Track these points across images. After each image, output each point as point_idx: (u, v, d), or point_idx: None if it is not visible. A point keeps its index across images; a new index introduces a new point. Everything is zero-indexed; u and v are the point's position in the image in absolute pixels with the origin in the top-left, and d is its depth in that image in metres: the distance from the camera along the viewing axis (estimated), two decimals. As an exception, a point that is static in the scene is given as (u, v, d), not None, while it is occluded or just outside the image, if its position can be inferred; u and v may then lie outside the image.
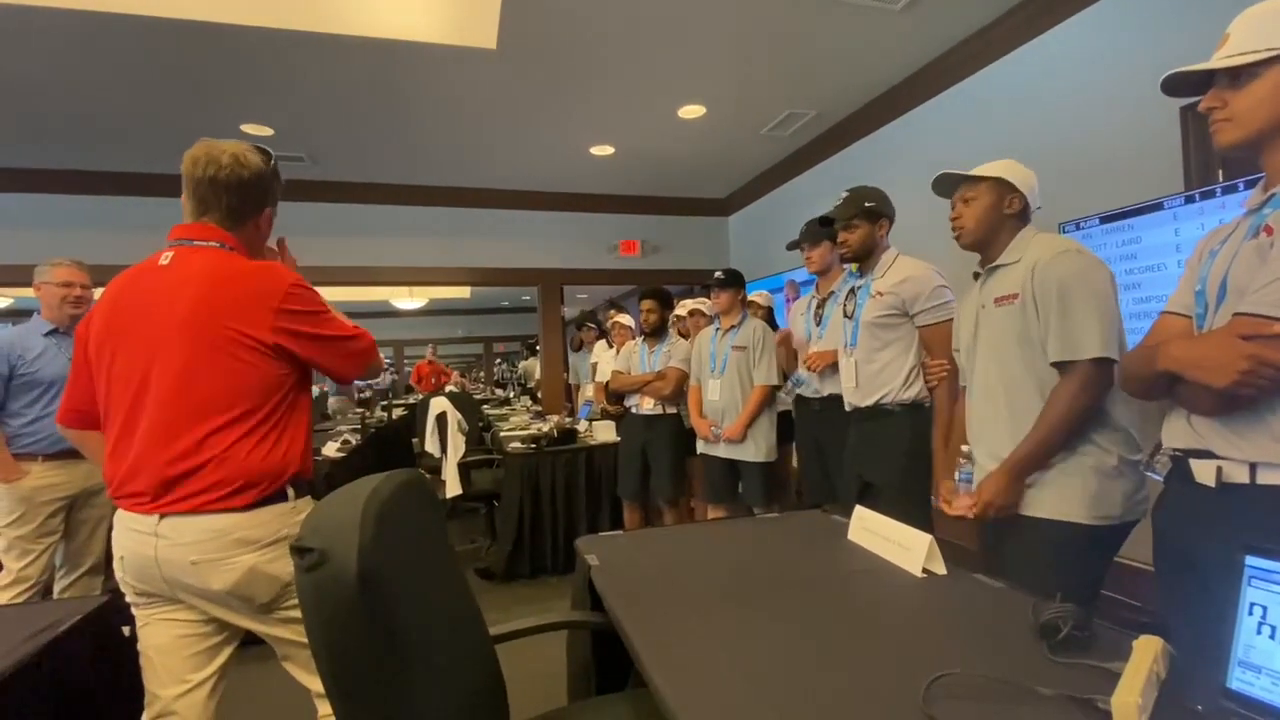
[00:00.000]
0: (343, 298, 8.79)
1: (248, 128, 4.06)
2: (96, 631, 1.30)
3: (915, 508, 1.98)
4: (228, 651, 1.32)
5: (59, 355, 2.39)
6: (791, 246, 2.76)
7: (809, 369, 2.50)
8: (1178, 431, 1.08)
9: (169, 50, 3.10)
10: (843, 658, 0.90)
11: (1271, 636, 0.73)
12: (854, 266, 2.24)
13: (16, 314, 5.39)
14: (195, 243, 1.28)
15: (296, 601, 1.23)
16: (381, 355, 1.55)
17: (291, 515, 1.26)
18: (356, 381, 1.36)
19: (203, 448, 1.18)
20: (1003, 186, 1.53)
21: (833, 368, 2.37)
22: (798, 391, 2.69)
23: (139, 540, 1.19)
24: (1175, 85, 1.07)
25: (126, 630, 1.48)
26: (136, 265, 1.29)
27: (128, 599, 1.28)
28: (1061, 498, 1.41)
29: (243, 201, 1.31)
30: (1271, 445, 0.95)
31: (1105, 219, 2.50)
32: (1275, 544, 0.75)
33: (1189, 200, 2.23)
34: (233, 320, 1.20)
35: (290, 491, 1.28)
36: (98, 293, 1.47)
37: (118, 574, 1.26)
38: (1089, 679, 0.79)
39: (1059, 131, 2.96)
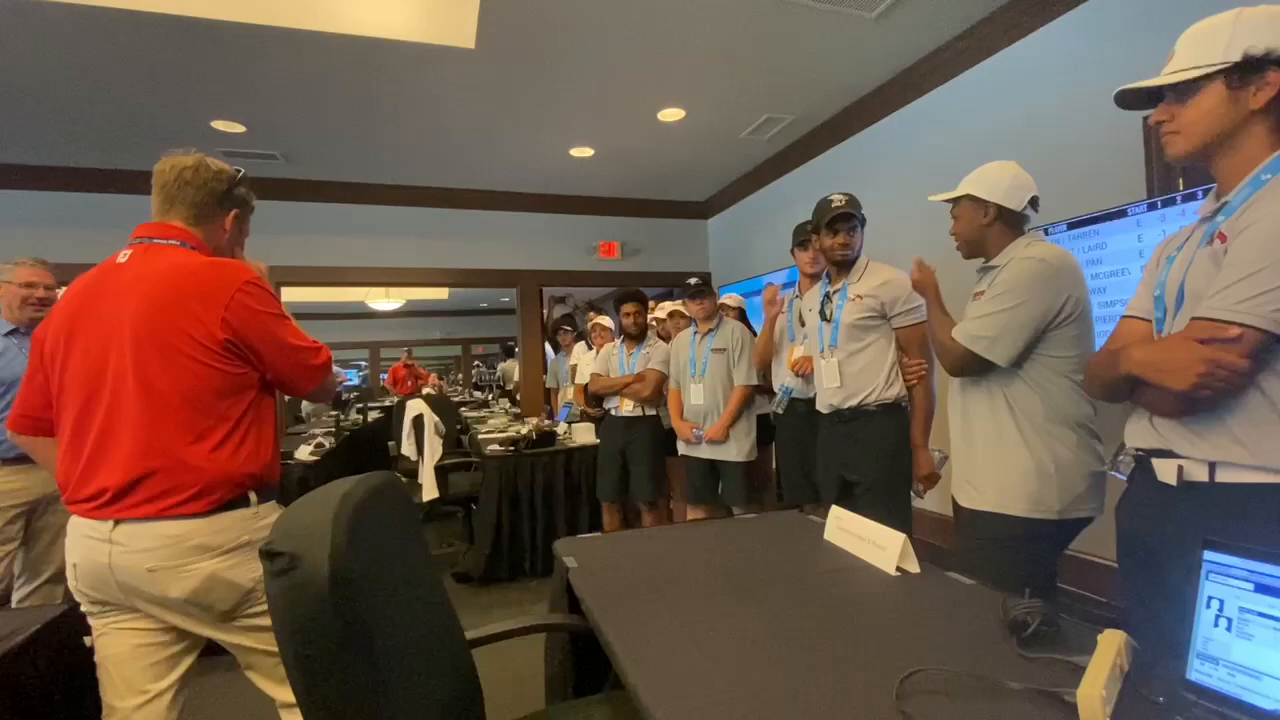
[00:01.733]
0: (317, 298, 8.66)
1: (219, 124, 3.98)
2: (56, 642, 1.26)
3: (897, 506, 2.04)
4: (189, 661, 1.28)
5: (19, 356, 2.31)
6: (802, 243, 2.64)
7: (796, 372, 2.53)
8: (1140, 432, 1.11)
9: (136, 43, 3.02)
10: (818, 656, 0.91)
11: (1229, 629, 0.76)
12: (826, 272, 2.27)
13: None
14: (156, 240, 1.26)
15: (261, 609, 1.22)
16: (338, 375, 1.58)
17: (254, 521, 1.24)
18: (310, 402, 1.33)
19: (158, 451, 1.15)
20: (975, 200, 1.60)
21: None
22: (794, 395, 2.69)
23: (92, 547, 1.16)
24: (1128, 100, 1.12)
25: (88, 640, 1.44)
26: (97, 265, 1.26)
27: (83, 608, 1.24)
28: (1001, 491, 1.50)
29: (207, 199, 1.31)
30: (1229, 445, 0.98)
31: (1072, 225, 2.57)
32: (1232, 540, 0.78)
33: (1151, 207, 2.30)
34: (183, 318, 1.17)
35: (253, 497, 1.25)
36: (62, 292, 1.43)
37: (70, 582, 1.22)
38: (1056, 673, 0.81)
39: (1029, 139, 3.03)
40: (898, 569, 1.21)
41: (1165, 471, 1.06)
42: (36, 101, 3.56)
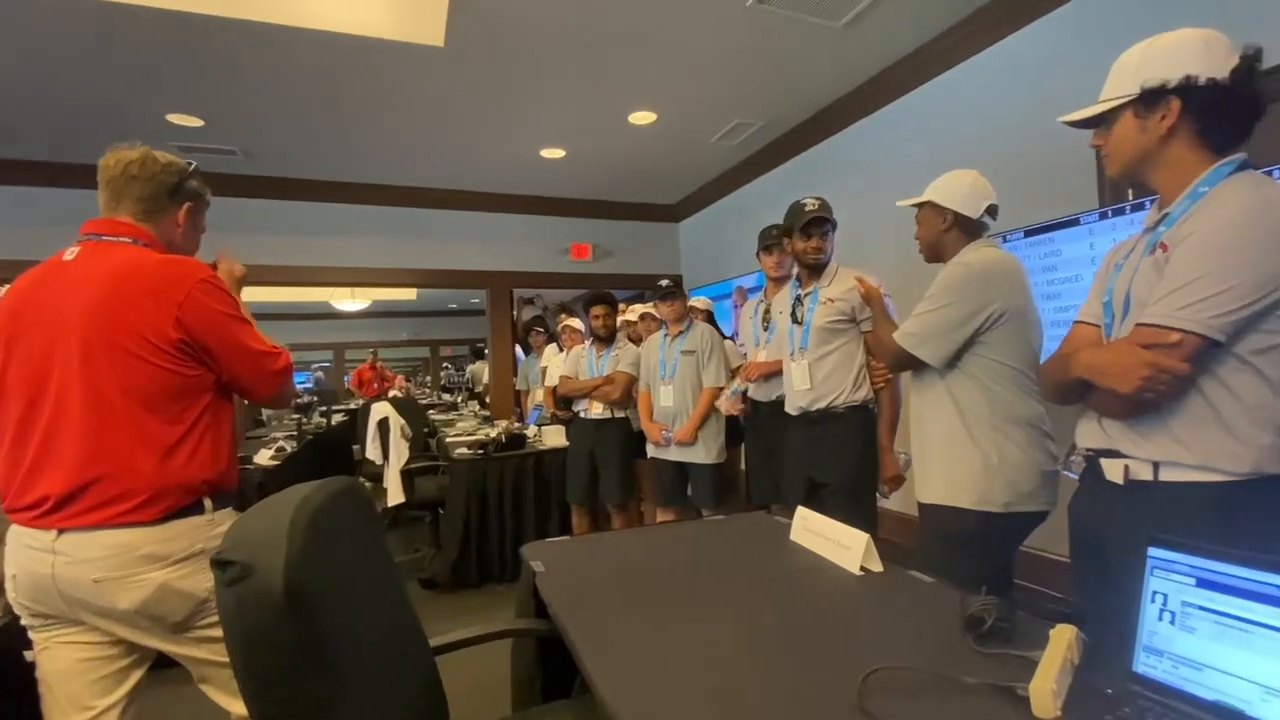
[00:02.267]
0: (280, 298, 8.43)
1: (175, 118, 3.85)
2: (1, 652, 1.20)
3: (863, 506, 2.08)
4: (138, 675, 1.23)
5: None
6: (767, 248, 2.65)
7: (747, 378, 2.56)
8: (1090, 433, 1.15)
9: (89, 33, 2.91)
10: (782, 656, 0.91)
11: (1172, 622, 0.79)
12: (797, 276, 2.30)
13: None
14: (106, 238, 1.21)
15: (215, 619, 1.17)
16: (295, 386, 1.48)
17: (208, 529, 1.19)
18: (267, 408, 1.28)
19: (105, 457, 1.10)
20: (935, 206, 1.66)
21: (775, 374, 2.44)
22: (750, 396, 2.73)
23: (34, 558, 1.10)
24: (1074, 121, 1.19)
25: (29, 655, 1.37)
26: (42, 262, 1.21)
27: (23, 621, 1.18)
28: (949, 484, 1.55)
29: (156, 193, 1.26)
30: (1172, 445, 1.03)
31: (1029, 232, 2.66)
32: (1175, 536, 0.81)
33: (1103, 216, 2.39)
34: (134, 316, 1.13)
35: (207, 504, 1.20)
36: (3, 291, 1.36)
37: (9, 594, 1.16)
38: (1011, 668, 0.84)
39: (989, 148, 3.12)
40: (861, 568, 1.23)
41: (1113, 471, 1.10)
42: (-22, 90, 3.40)
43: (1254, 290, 0.93)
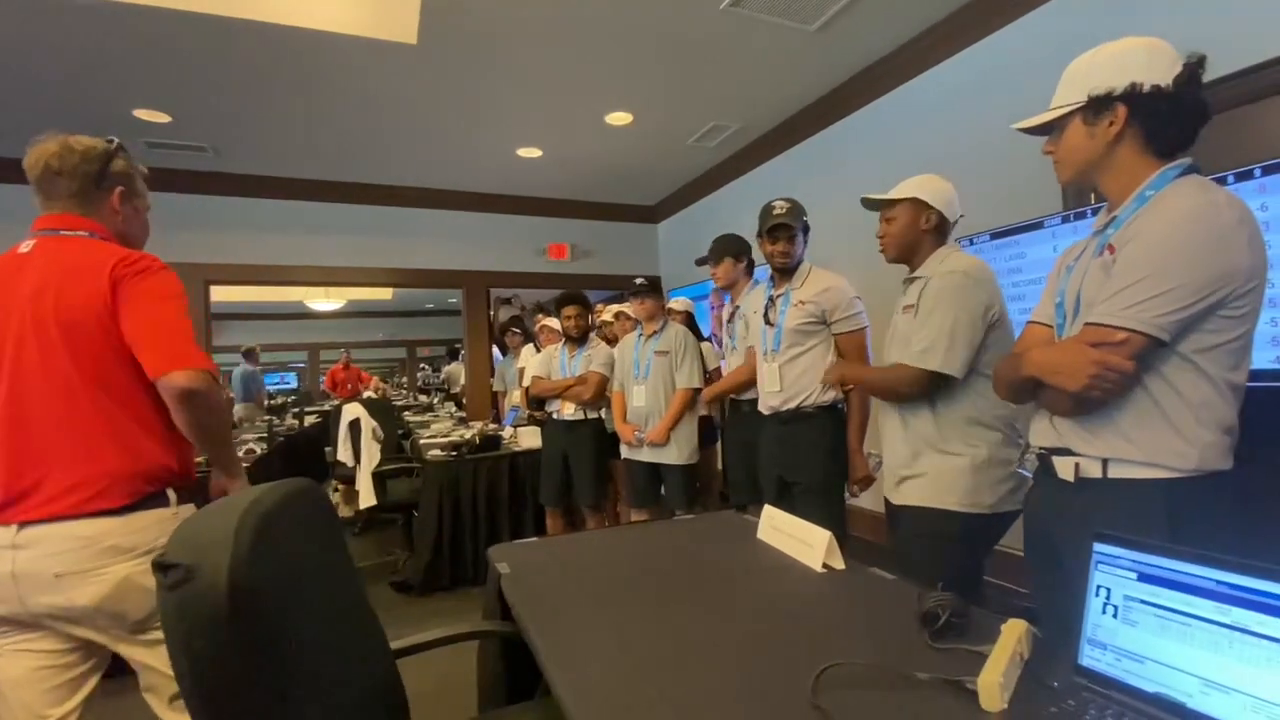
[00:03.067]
0: (252, 298, 8.28)
1: (142, 113, 3.76)
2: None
3: (831, 505, 2.10)
4: (92, 682, 1.20)
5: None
6: (700, 263, 2.86)
7: (705, 402, 2.62)
8: (1042, 431, 1.18)
9: (54, 27, 2.83)
10: (741, 653, 0.92)
11: (1115, 616, 0.81)
12: (770, 276, 2.32)
13: None
14: (62, 232, 1.20)
15: None
16: (224, 400, 1.40)
17: (172, 523, 1.17)
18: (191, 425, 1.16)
19: (60, 444, 1.09)
20: (918, 204, 1.65)
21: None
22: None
23: None
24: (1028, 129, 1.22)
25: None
26: None
27: None
28: (936, 487, 1.55)
29: (83, 185, 1.24)
30: (1120, 443, 1.05)
31: (995, 235, 2.71)
32: (1119, 532, 0.83)
33: (1065, 220, 2.44)
34: (85, 295, 1.12)
35: (171, 496, 1.18)
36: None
37: None
38: (962, 662, 0.85)
39: (958, 152, 3.18)
40: (824, 565, 1.25)
41: (1064, 468, 1.13)
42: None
43: (1196, 291, 0.96)
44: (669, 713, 0.78)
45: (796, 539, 1.34)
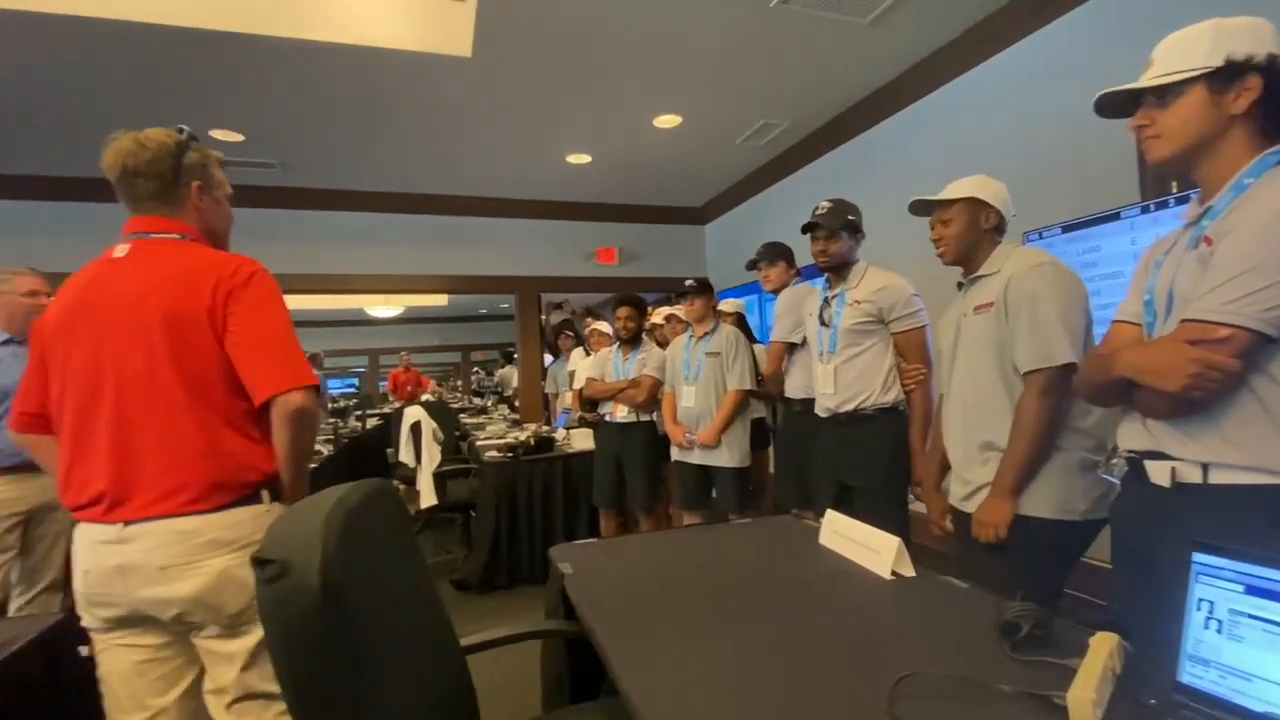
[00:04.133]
0: (316, 305, 8.66)
1: (216, 133, 4.00)
2: (52, 650, 1.26)
3: (894, 509, 2.04)
4: (191, 675, 1.24)
5: (14, 365, 2.31)
6: (750, 266, 2.83)
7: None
8: (1133, 434, 1.11)
9: (134, 54, 3.04)
10: (811, 661, 0.91)
11: (1219, 631, 0.76)
12: (826, 278, 2.28)
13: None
14: (153, 235, 1.23)
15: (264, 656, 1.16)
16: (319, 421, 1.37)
17: (266, 519, 1.20)
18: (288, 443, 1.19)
19: (160, 450, 1.13)
20: (976, 204, 1.59)
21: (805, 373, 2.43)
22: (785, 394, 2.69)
23: (103, 552, 1.14)
24: (1107, 105, 1.13)
25: (85, 650, 1.43)
26: (93, 262, 1.24)
27: (84, 622, 1.21)
28: (1027, 494, 1.46)
29: (160, 188, 1.24)
30: (1222, 446, 0.99)
31: (1066, 228, 2.58)
32: (1225, 541, 0.78)
33: (1145, 210, 2.31)
34: (184, 306, 1.14)
35: (265, 494, 1.22)
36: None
37: (77, 592, 1.19)
38: (1048, 676, 0.81)
39: (1024, 142, 3.04)
40: (892, 573, 1.21)
41: (1158, 473, 1.06)
42: (34, 112, 3.58)
43: None
44: (740, 717, 0.77)
45: (861, 545, 1.31)
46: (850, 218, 2.16)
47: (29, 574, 2.39)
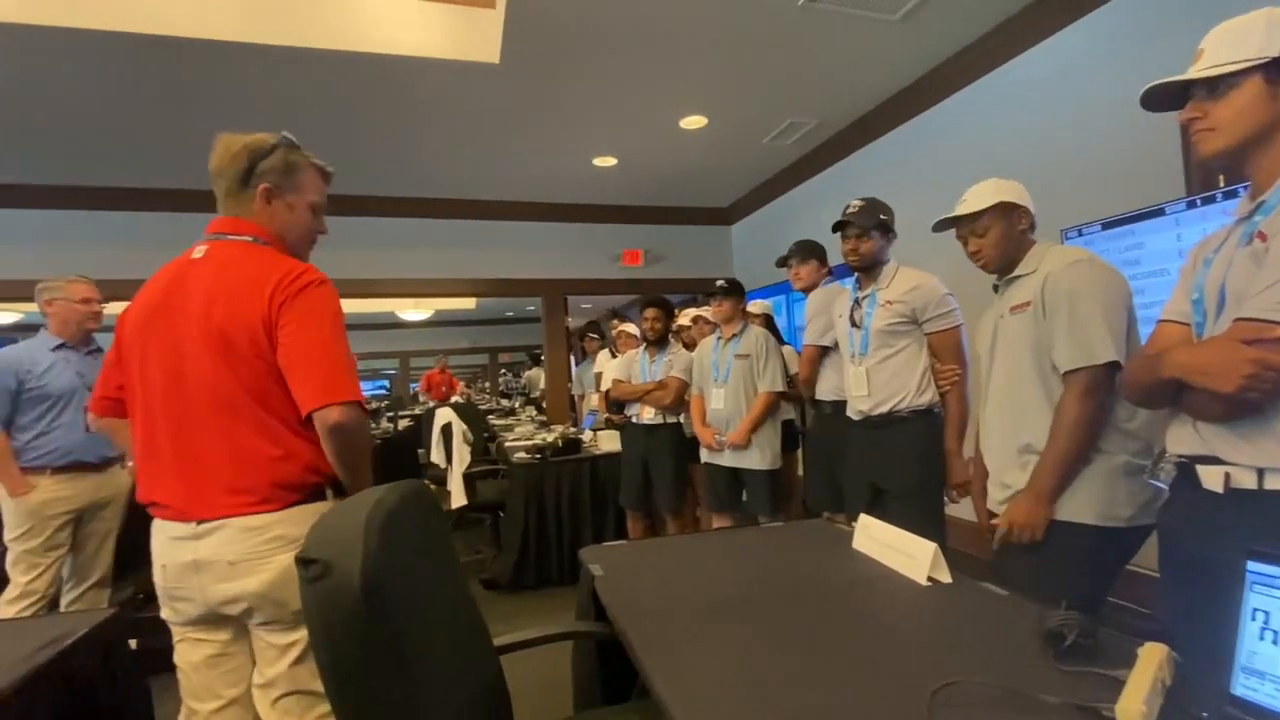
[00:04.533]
0: (349, 309, 8.85)
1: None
2: (104, 644, 1.30)
3: (929, 513, 1.99)
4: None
5: (66, 369, 2.41)
6: (780, 263, 2.81)
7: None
8: (1183, 437, 1.08)
9: (170, 66, 3.15)
10: (847, 667, 0.89)
11: (1274, 642, 0.73)
12: (856, 278, 2.25)
13: (27, 328, 5.47)
14: (227, 236, 1.25)
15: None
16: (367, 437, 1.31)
17: None
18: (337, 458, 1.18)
19: (226, 452, 1.15)
20: (1007, 208, 1.55)
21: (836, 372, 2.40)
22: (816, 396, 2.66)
23: (179, 547, 1.17)
24: (1154, 99, 1.09)
25: (134, 643, 1.48)
26: (174, 260, 1.26)
27: (163, 615, 1.25)
28: (1069, 499, 1.42)
29: (233, 186, 1.26)
30: (1278, 450, 0.95)
31: (1107, 225, 2.51)
32: (1278, 549, 0.75)
33: (1191, 205, 2.23)
34: (244, 312, 1.15)
35: (329, 492, 1.23)
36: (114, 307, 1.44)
37: (157, 586, 1.22)
38: (1095, 687, 0.79)
39: (1059, 138, 2.97)
40: (929, 579, 1.19)
41: (1211, 479, 1.03)
42: (79, 125, 3.73)
43: None
44: (776, 723, 0.77)
45: (897, 550, 1.29)
46: (882, 217, 2.13)
47: (79, 570, 2.49)
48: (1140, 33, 2.60)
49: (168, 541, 1.19)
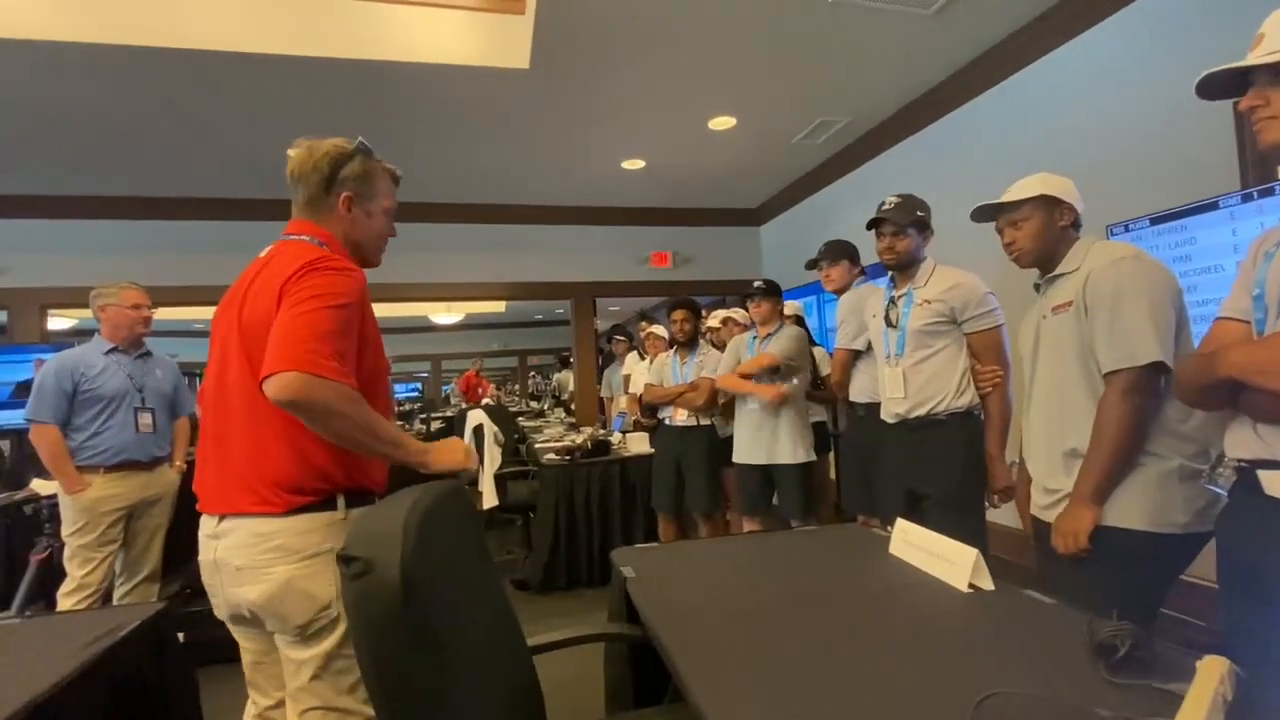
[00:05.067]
0: (382, 313, 9.06)
1: (292, 152, 4.23)
2: (154, 637, 1.35)
3: (969, 519, 1.92)
4: None
5: (118, 372, 2.51)
6: (810, 265, 2.77)
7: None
8: (1243, 441, 1.03)
9: (222, 80, 3.26)
10: (887, 675, 0.87)
11: (1351, 659, 0.69)
12: (890, 276, 2.20)
13: (82, 333, 5.73)
14: (290, 237, 1.27)
15: (339, 643, 1.16)
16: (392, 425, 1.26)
17: (340, 528, 1.17)
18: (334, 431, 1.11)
19: (243, 447, 1.16)
20: (1049, 201, 1.51)
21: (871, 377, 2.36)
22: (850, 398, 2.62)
23: (206, 545, 1.19)
24: (1212, 87, 1.05)
25: (182, 636, 1.53)
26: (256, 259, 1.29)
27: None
28: (1119, 504, 1.36)
29: (315, 191, 1.27)
30: (1345, 454, 0.90)
31: (1156, 220, 2.41)
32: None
33: (1247, 198, 2.13)
34: (260, 310, 1.14)
35: (340, 501, 1.19)
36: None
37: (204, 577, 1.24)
38: (1150, 701, 0.76)
39: (1101, 131, 2.87)
40: (970, 585, 1.16)
41: (1272, 484, 0.98)
42: (142, 139, 3.89)
43: None
44: (814, 730, 0.75)
45: (936, 555, 1.26)
46: (919, 213, 2.08)
47: (130, 565, 2.58)
48: (1190, 19, 2.50)
49: (202, 538, 1.21)
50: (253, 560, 1.14)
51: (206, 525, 1.20)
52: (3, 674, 1.05)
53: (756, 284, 2.90)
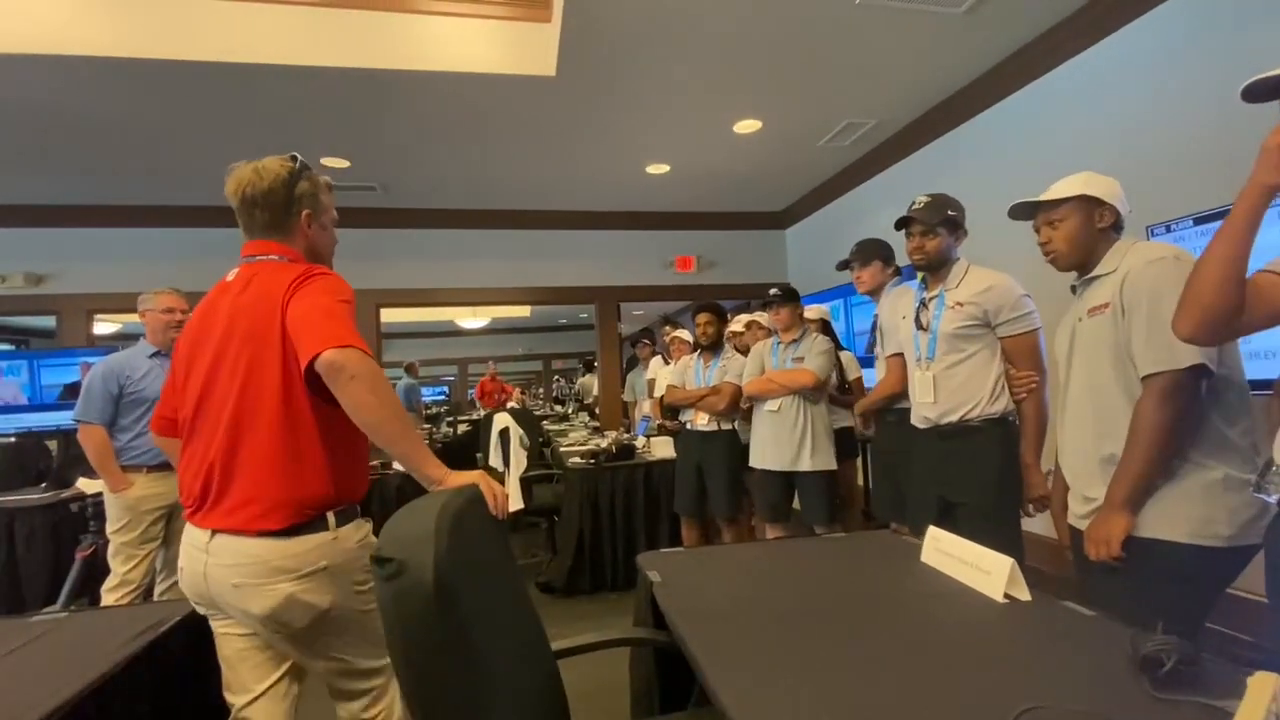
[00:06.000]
0: (411, 318, 9.20)
1: (327, 160, 4.34)
2: (193, 631, 1.38)
3: (1004, 528, 1.87)
4: (289, 663, 1.32)
5: (161, 375, 2.60)
6: (841, 266, 2.71)
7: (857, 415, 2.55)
8: (1293, 448, 0.99)
9: (255, 92, 3.36)
10: (920, 685, 0.86)
11: None
12: (921, 278, 2.16)
13: (126, 338, 5.94)
14: (258, 258, 1.31)
15: (339, 639, 1.24)
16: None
17: (333, 546, 1.23)
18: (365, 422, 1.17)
19: (241, 462, 1.19)
20: (1089, 202, 1.47)
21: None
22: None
23: (193, 556, 1.23)
24: (1257, 91, 1.01)
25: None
26: (214, 286, 1.35)
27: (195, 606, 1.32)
28: (1160, 515, 1.32)
29: (272, 210, 1.31)
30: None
31: (1199, 220, 2.33)
32: None
33: (1296, 197, 2.05)
34: (263, 323, 1.19)
35: (330, 519, 1.23)
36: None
37: (181, 584, 1.29)
38: (1198, 717, 0.73)
39: (1139, 130, 2.79)
40: (1006, 595, 1.13)
41: (1327, 494, 0.94)
42: (175, 149, 4.03)
43: None
44: (845, 740, 0.74)
45: (970, 565, 1.23)
46: (950, 213, 2.03)
47: (170, 562, 2.66)
48: (1227, 15, 2.42)
49: (188, 548, 1.24)
50: (253, 579, 1.18)
51: (196, 537, 1.23)
52: (54, 666, 1.10)
53: (773, 291, 2.86)
